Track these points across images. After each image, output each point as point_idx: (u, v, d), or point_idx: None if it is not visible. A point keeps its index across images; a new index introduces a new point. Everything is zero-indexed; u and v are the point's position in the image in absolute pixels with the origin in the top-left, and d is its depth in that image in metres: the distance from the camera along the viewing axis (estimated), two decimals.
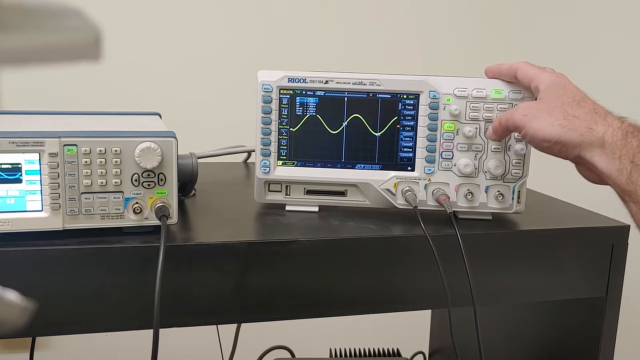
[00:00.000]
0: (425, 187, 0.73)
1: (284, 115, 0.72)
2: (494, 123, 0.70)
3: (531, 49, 1.66)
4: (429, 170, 0.73)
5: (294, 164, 0.74)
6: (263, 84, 0.71)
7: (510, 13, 1.73)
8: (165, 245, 0.57)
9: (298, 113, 0.72)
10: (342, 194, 0.75)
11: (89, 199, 0.60)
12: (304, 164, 0.74)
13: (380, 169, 0.74)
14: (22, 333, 0.50)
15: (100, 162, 0.59)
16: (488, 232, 0.71)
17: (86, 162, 0.59)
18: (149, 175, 0.61)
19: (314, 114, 0.72)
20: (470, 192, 0.72)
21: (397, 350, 1.16)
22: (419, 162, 0.73)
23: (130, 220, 0.62)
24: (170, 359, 0.81)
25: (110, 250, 0.60)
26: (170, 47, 1.51)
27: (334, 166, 0.74)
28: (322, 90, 0.72)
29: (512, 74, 0.70)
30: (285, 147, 0.73)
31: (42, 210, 0.59)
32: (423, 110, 0.72)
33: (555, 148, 0.64)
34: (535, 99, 0.68)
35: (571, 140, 0.62)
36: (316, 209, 0.75)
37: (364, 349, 1.16)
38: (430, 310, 1.27)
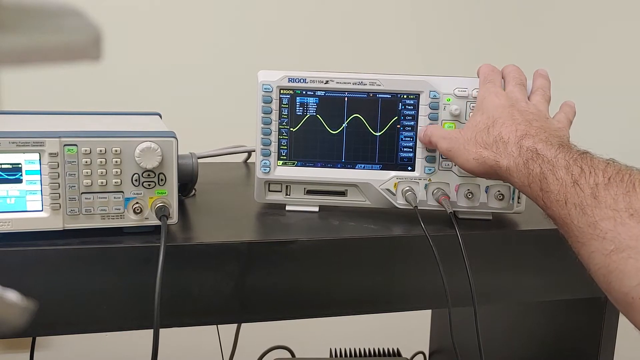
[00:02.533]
0: (426, 187, 0.73)
1: (284, 115, 0.72)
2: (425, 137, 0.70)
3: (531, 48, 1.66)
4: (429, 170, 0.73)
5: (294, 164, 0.74)
6: (263, 84, 0.71)
7: (510, 13, 1.72)
8: (166, 245, 0.57)
9: (298, 113, 0.72)
10: (342, 194, 0.75)
11: (89, 199, 0.60)
12: (304, 164, 0.74)
13: (380, 169, 0.74)
14: (22, 333, 0.50)
15: (101, 162, 0.59)
16: (488, 232, 0.71)
17: (86, 162, 0.59)
18: (149, 175, 0.61)
19: (314, 114, 0.72)
20: (471, 192, 0.72)
21: (397, 350, 1.16)
22: (419, 162, 0.73)
23: (131, 220, 0.62)
24: (170, 359, 0.81)
25: (110, 250, 0.60)
26: (171, 47, 1.50)
27: (334, 166, 0.74)
28: (322, 90, 0.72)
29: None
30: (285, 147, 0.73)
31: (42, 210, 0.59)
32: (423, 110, 0.72)
33: (484, 177, 0.65)
34: None
35: (487, 171, 0.63)
36: (316, 209, 0.75)
37: (364, 349, 1.16)
38: (430, 310, 1.27)
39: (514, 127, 0.61)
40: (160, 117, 0.79)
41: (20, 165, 0.58)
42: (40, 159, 0.58)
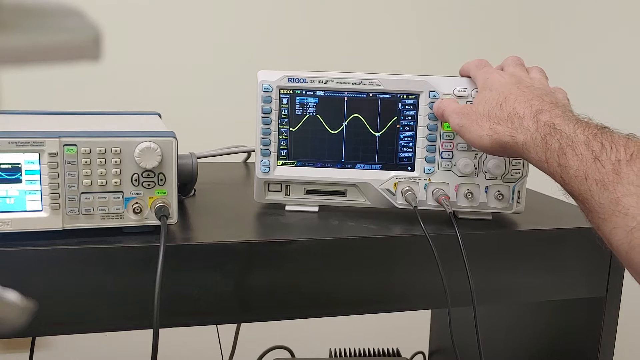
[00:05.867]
0: (425, 187, 0.73)
1: (284, 115, 0.72)
2: (437, 110, 0.69)
3: (530, 48, 1.66)
4: (429, 170, 0.73)
5: (293, 164, 0.74)
6: (263, 84, 0.71)
7: (510, 13, 1.73)
8: (165, 245, 0.57)
9: (298, 113, 0.72)
10: (342, 194, 0.75)
11: (89, 199, 0.60)
12: (303, 164, 0.74)
13: (380, 169, 0.74)
14: (22, 333, 0.50)
15: (100, 162, 0.59)
16: (488, 232, 0.71)
17: (86, 162, 0.59)
18: (148, 175, 0.61)
19: (314, 114, 0.72)
20: (470, 192, 0.72)
21: (397, 350, 1.16)
22: (419, 162, 0.73)
23: (130, 220, 0.62)
24: (170, 359, 0.81)
25: (110, 250, 0.60)
26: (170, 46, 1.51)
27: (333, 166, 0.74)
28: (322, 90, 0.72)
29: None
30: (285, 147, 0.73)
31: (42, 210, 0.59)
32: (423, 110, 0.72)
33: (496, 154, 0.64)
34: None
35: (502, 147, 0.61)
36: (316, 209, 0.75)
37: (364, 349, 1.16)
38: (430, 310, 1.27)
39: (528, 103, 0.60)
40: (160, 117, 0.79)
41: (19, 165, 0.58)
42: (39, 159, 0.58)
